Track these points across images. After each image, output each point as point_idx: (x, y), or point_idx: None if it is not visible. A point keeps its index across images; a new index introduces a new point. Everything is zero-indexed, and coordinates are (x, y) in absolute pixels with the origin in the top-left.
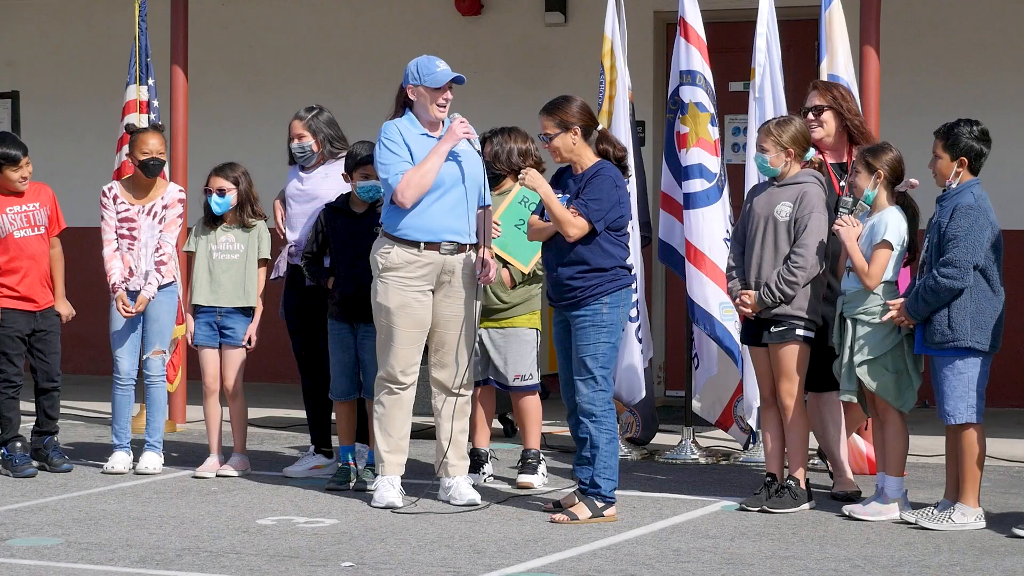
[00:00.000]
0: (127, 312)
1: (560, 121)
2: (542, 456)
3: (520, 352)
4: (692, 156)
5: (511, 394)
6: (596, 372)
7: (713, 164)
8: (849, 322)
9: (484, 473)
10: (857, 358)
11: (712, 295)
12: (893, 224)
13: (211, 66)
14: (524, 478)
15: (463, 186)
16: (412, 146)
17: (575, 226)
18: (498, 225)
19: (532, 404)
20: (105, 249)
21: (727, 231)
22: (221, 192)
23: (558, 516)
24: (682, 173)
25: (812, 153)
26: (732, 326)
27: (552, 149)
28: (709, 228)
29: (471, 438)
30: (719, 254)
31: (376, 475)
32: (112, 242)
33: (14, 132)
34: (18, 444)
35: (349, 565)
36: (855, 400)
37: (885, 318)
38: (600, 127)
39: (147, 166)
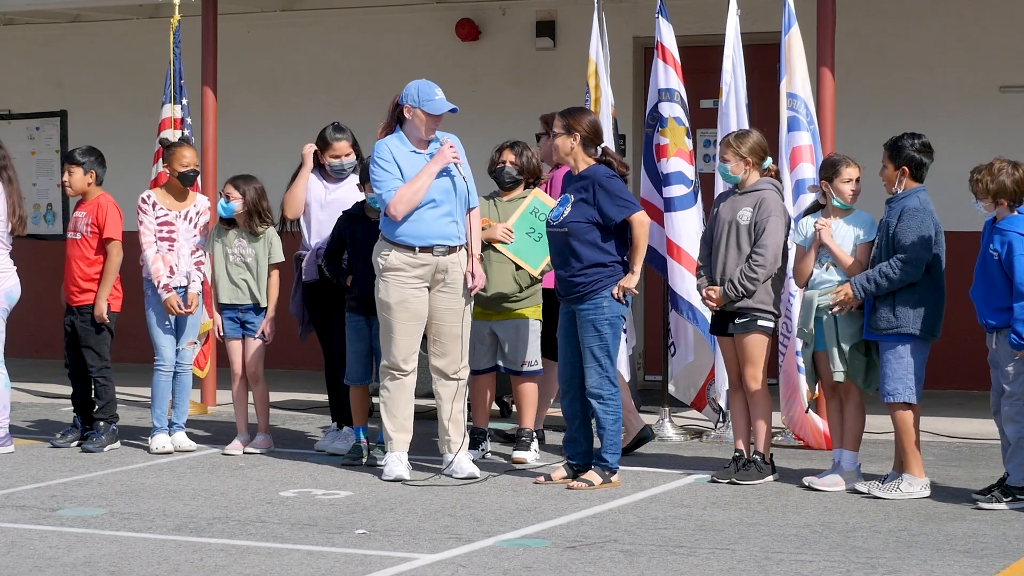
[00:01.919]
0: (183, 311)
1: (567, 125)
2: (535, 435)
3: (528, 340)
4: (672, 164)
5: (512, 379)
6: (602, 360)
7: (690, 172)
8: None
9: (483, 449)
10: (844, 344)
11: (693, 287)
12: (872, 223)
13: (237, 86)
14: (518, 454)
15: (452, 198)
16: (402, 163)
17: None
18: (511, 232)
19: (531, 389)
20: (147, 251)
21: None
22: (227, 198)
23: (575, 484)
24: (663, 180)
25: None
26: (710, 315)
27: (551, 145)
28: (687, 228)
29: (472, 418)
30: (697, 251)
31: (385, 452)
32: (152, 244)
33: (63, 147)
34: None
35: (362, 532)
36: (843, 380)
37: (832, 293)
38: (604, 145)
39: (186, 176)
